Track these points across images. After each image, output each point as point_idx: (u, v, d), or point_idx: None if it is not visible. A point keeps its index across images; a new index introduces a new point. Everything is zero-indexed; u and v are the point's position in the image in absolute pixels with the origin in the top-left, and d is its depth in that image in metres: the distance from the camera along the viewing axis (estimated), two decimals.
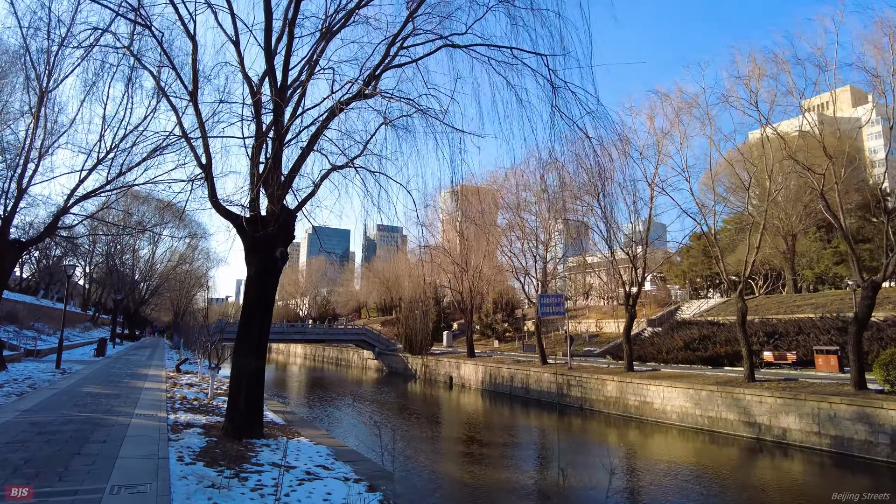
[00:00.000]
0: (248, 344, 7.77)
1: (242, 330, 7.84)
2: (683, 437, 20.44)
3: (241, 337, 7.83)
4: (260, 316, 7.94)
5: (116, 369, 18.93)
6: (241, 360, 7.69)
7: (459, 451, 18.27)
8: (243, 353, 7.73)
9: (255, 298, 7.87)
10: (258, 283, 7.92)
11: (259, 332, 7.87)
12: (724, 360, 26.24)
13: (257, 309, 7.84)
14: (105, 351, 26.35)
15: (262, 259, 8.05)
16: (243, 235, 8.19)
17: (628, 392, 24.07)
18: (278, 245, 8.11)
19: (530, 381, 29.97)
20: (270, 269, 8.08)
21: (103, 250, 51.14)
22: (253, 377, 7.70)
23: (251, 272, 8.08)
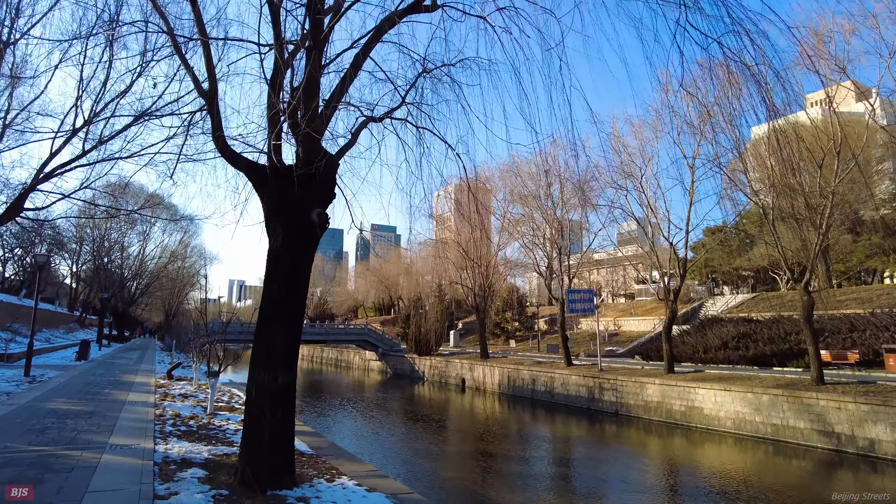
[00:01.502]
0: (270, 350, 5.27)
1: (263, 329, 5.35)
2: (743, 448, 18.10)
3: (261, 339, 5.34)
4: (289, 308, 5.43)
5: (98, 376, 16.30)
6: (262, 373, 5.19)
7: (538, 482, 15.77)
8: (264, 362, 5.23)
9: (282, 282, 5.38)
10: (286, 261, 5.43)
11: (287, 331, 5.37)
12: (771, 361, 23.94)
13: (285, 298, 5.36)
14: (88, 354, 23.65)
15: (293, 224, 5.54)
16: (264, 191, 5.69)
17: (672, 396, 21.73)
18: (314, 203, 5.63)
19: (555, 385, 27.56)
20: (304, 240, 5.58)
21: (91, 247, 48.27)
22: (279, 398, 5.20)
23: (276, 244, 5.57)
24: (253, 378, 5.30)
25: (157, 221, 51.24)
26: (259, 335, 5.42)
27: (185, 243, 56.94)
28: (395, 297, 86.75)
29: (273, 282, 5.50)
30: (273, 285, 5.49)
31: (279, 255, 5.53)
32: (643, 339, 35.92)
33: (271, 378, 5.24)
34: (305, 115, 5.53)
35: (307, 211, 5.58)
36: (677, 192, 79.60)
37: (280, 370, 5.30)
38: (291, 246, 5.53)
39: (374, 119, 7.04)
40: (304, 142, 5.45)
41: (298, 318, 5.57)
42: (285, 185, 5.62)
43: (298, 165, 5.66)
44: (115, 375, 16.73)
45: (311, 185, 5.64)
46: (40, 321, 37.64)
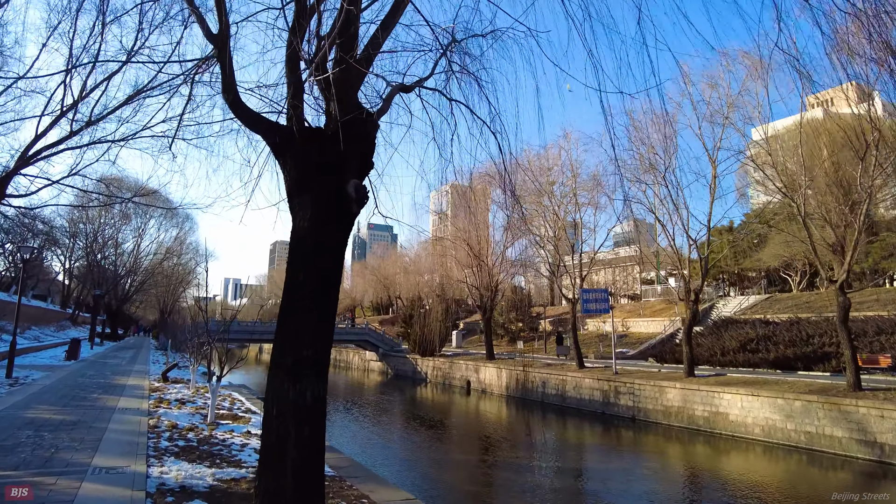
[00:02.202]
0: (296, 354, 4.14)
1: (286, 329, 4.19)
2: (774, 456, 17.07)
3: (284, 341, 4.18)
4: (319, 304, 4.28)
5: (87, 378, 15.08)
6: (285, 384, 4.04)
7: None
8: (288, 370, 4.09)
9: (310, 271, 4.23)
10: (316, 244, 4.29)
11: (317, 331, 4.23)
12: (795, 364, 22.94)
13: (315, 291, 4.21)
14: (78, 353, 22.39)
15: (324, 198, 4.38)
16: (287, 159, 4.54)
17: (695, 401, 20.69)
18: (351, 173, 4.49)
19: (567, 388, 26.48)
20: (338, 218, 4.43)
21: (84, 243, 46.87)
22: (308, 417, 4.04)
23: (302, 224, 4.41)
24: (273, 390, 4.16)
25: (152, 216, 49.97)
26: (281, 336, 4.27)
27: (181, 239, 55.59)
28: (393, 296, 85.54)
29: (299, 270, 4.35)
30: (299, 275, 4.35)
31: (306, 237, 4.38)
32: (654, 340, 34.91)
33: (298, 391, 4.09)
34: (341, 60, 4.40)
35: (342, 182, 4.44)
36: (693, 189, 78.06)
37: (309, 381, 4.15)
38: (322, 225, 4.39)
39: (404, 88, 5.93)
40: (338, 94, 4.31)
41: (330, 314, 4.43)
42: (314, 149, 4.49)
43: (330, 125, 4.53)
44: (105, 377, 15.51)
45: (347, 149, 4.51)
46: (30, 318, 36.27)
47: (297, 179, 4.55)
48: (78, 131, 11.81)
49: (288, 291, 4.40)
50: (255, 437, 8.10)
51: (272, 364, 4.31)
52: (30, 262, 54.50)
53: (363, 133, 4.62)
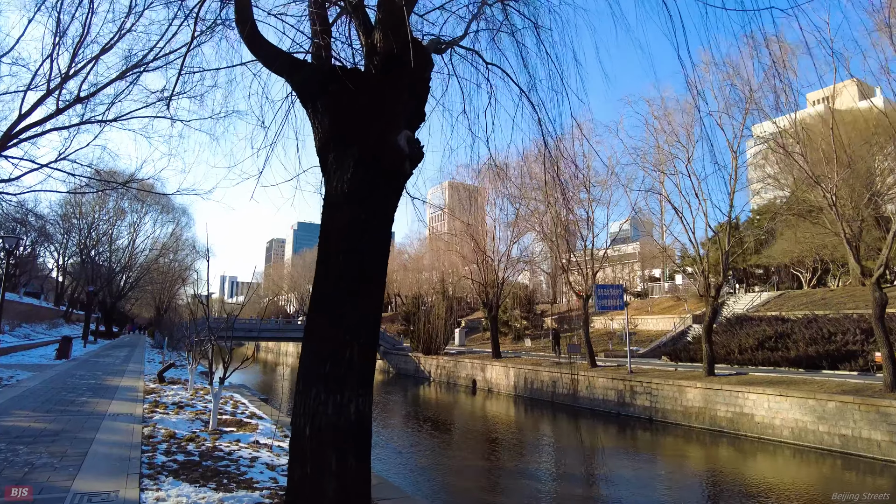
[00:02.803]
0: (335, 357, 3.13)
1: (320, 325, 3.21)
2: (806, 461, 16.17)
3: (318, 341, 3.19)
4: (364, 292, 3.26)
5: (77, 378, 14.01)
6: (319, 397, 3.05)
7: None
8: (325, 378, 3.11)
9: (351, 250, 3.24)
10: (358, 214, 3.29)
11: (361, 328, 3.23)
12: (819, 362, 22.04)
13: (358, 276, 3.23)
14: (69, 352, 21.30)
15: (368, 154, 3.37)
16: (318, 106, 3.51)
17: (717, 401, 19.79)
18: (400, 122, 3.49)
19: (579, 387, 25.54)
20: (386, 180, 3.42)
21: (78, 238, 45.69)
22: (352, 439, 3.04)
23: (339, 189, 3.39)
24: (305, 405, 3.16)
25: (148, 211, 48.85)
26: (315, 335, 3.26)
27: (178, 235, 54.44)
28: (392, 293, 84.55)
29: (336, 250, 3.34)
30: (337, 256, 3.33)
31: (345, 204, 3.37)
32: (665, 338, 34.03)
33: (339, 405, 3.10)
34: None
35: (390, 132, 3.44)
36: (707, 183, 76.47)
37: (352, 390, 3.16)
38: (367, 188, 3.38)
39: (438, 49, 4.94)
40: (385, 19, 3.31)
41: (378, 305, 3.42)
42: (356, 91, 3.47)
43: (375, 63, 3.52)
44: (97, 378, 14.45)
45: (396, 93, 3.51)
46: (21, 315, 35.06)
47: (332, 131, 3.54)
48: (66, 108, 10.75)
49: (323, 278, 3.39)
50: (265, 447, 7.10)
51: (303, 371, 3.30)
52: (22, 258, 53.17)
53: (417, 71, 3.61)
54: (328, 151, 3.55)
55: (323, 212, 3.59)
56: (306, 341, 3.36)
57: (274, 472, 5.90)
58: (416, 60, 3.63)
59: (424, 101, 3.80)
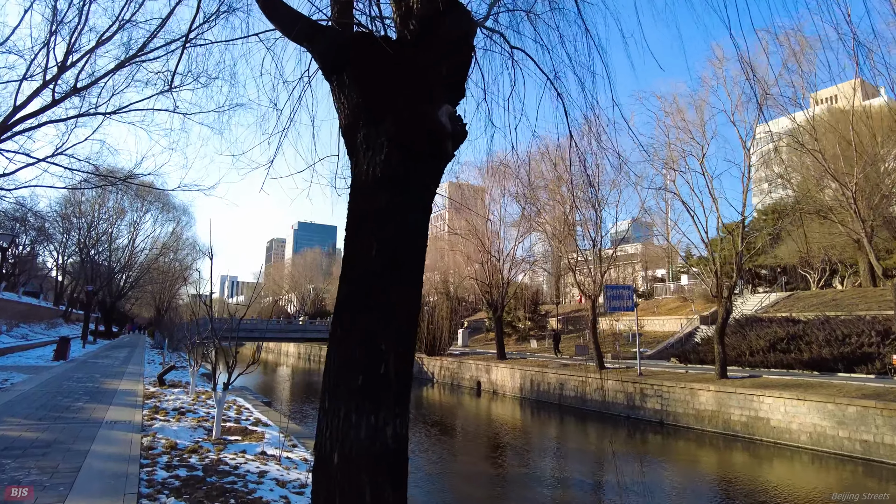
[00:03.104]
0: (368, 369, 2.65)
1: (348, 333, 2.72)
2: (825, 466, 15.70)
3: (347, 351, 2.72)
4: (401, 293, 2.76)
5: (74, 381, 13.52)
6: (350, 417, 2.58)
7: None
8: (355, 393, 2.62)
9: (386, 243, 2.75)
10: (395, 202, 2.81)
11: (399, 332, 2.73)
12: (834, 365, 21.55)
13: (396, 270, 2.75)
14: (67, 353, 20.81)
15: (404, 127, 2.88)
16: (345, 75, 3.02)
17: (731, 405, 19.31)
18: (440, 95, 3.00)
19: (588, 390, 25.06)
20: (425, 161, 2.93)
21: (77, 237, 45.21)
22: (387, 466, 2.54)
23: (371, 173, 2.88)
24: (332, 425, 2.66)
25: (148, 210, 48.37)
26: (343, 343, 2.78)
27: (178, 234, 53.97)
28: None
29: (369, 241, 2.83)
30: (369, 248, 2.83)
31: (378, 189, 2.88)
32: (672, 339, 33.55)
33: (374, 426, 2.60)
34: None
35: (430, 108, 2.95)
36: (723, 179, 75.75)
37: (388, 409, 2.67)
38: (403, 170, 2.89)
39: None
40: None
41: (415, 309, 2.93)
42: (389, 62, 2.98)
43: (412, 27, 3.03)
44: (95, 380, 13.95)
45: (435, 63, 3.02)
46: (18, 315, 34.57)
47: (361, 106, 3.04)
48: (62, 99, 10.26)
49: (351, 275, 2.88)
50: (273, 459, 6.60)
51: (329, 384, 2.79)
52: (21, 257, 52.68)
53: (458, 38, 3.11)
54: (356, 130, 3.05)
55: (350, 200, 3.09)
56: (332, 349, 2.86)
57: (285, 489, 5.41)
58: (459, 25, 3.13)
59: (466, 75, 3.30)
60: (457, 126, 3.03)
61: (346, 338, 2.81)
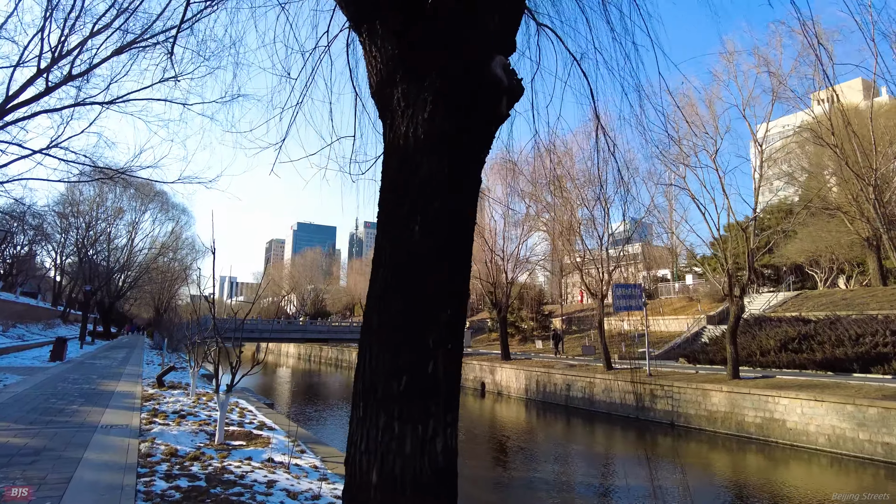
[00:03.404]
0: (413, 371, 2.19)
1: (386, 328, 2.26)
2: (844, 470, 15.24)
3: (386, 349, 2.25)
4: (449, 279, 2.29)
5: (69, 383, 13.03)
6: (391, 428, 2.11)
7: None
8: (396, 401, 2.17)
9: (432, 216, 2.31)
10: (440, 167, 2.36)
11: (449, 328, 2.27)
12: (849, 366, 21.07)
13: (444, 253, 2.31)
14: (64, 353, 20.31)
15: (452, 81, 2.40)
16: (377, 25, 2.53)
17: (744, 406, 18.85)
18: (491, 45, 2.52)
19: (595, 391, 24.60)
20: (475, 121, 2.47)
21: (75, 237, 44.67)
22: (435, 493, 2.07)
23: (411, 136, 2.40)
24: (369, 437, 2.18)
25: (147, 209, 47.87)
26: (379, 335, 2.29)
27: (177, 234, 53.45)
28: None
29: (411, 220, 2.33)
30: (411, 228, 2.33)
31: (421, 156, 2.39)
32: (679, 339, 33.08)
33: (420, 440, 2.13)
34: None
35: (482, 59, 2.47)
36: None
37: (438, 421, 2.19)
38: (451, 135, 2.41)
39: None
40: None
41: (464, 298, 2.45)
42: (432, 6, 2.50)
43: None
44: (91, 382, 13.45)
45: (486, 6, 2.54)
46: (15, 315, 34.04)
47: (399, 58, 2.56)
48: (56, 87, 9.76)
49: (389, 259, 2.39)
50: (282, 467, 6.12)
51: (363, 388, 2.31)
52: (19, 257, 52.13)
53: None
54: (392, 86, 2.57)
55: (385, 171, 2.61)
56: (366, 346, 2.38)
57: (296, 501, 4.92)
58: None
59: (517, 24, 2.82)
60: (512, 80, 2.55)
61: (383, 332, 2.33)
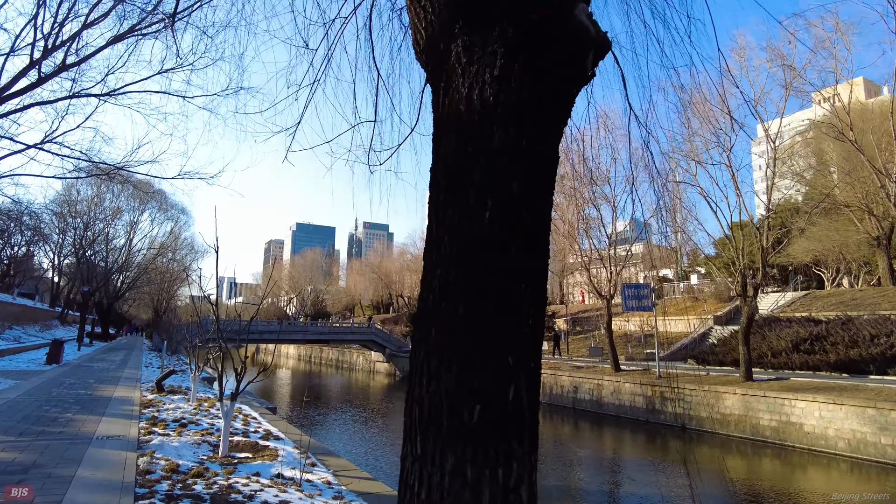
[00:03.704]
0: (487, 397, 1.70)
1: (442, 338, 1.79)
2: (867, 476, 14.79)
3: (445, 361, 1.78)
4: (523, 283, 1.81)
5: (65, 388, 12.51)
6: (462, 472, 1.64)
7: None
8: (460, 431, 1.69)
9: (503, 204, 1.83)
10: (511, 140, 1.88)
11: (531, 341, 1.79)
12: (865, 367, 20.62)
13: (513, 244, 1.84)
14: (60, 356, 19.77)
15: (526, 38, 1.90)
16: None
17: (759, 409, 18.41)
18: None
19: (604, 393, 24.13)
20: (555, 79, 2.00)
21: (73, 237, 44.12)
22: None
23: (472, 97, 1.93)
24: (431, 482, 1.70)
25: (145, 209, 47.33)
26: (438, 353, 1.79)
27: (176, 234, 52.89)
28: (395, 294, 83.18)
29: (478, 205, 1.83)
30: (481, 215, 1.82)
31: (492, 125, 1.89)
32: (686, 340, 32.59)
33: (502, 488, 1.63)
34: None
35: (562, 4, 1.97)
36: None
37: (522, 463, 1.71)
38: (527, 97, 1.91)
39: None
40: None
41: (545, 302, 1.95)
42: None
43: None
44: (88, 387, 12.93)
45: None
46: (12, 317, 33.47)
47: (458, 3, 2.05)
48: (49, 77, 9.24)
49: (450, 251, 1.89)
50: (293, 484, 5.61)
51: (417, 420, 1.80)
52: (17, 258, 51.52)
53: None
54: (449, 39, 2.06)
55: (437, 145, 2.11)
56: (423, 361, 1.87)
57: None
58: None
59: None
60: (599, 31, 2.05)
61: (446, 345, 1.82)
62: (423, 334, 1.94)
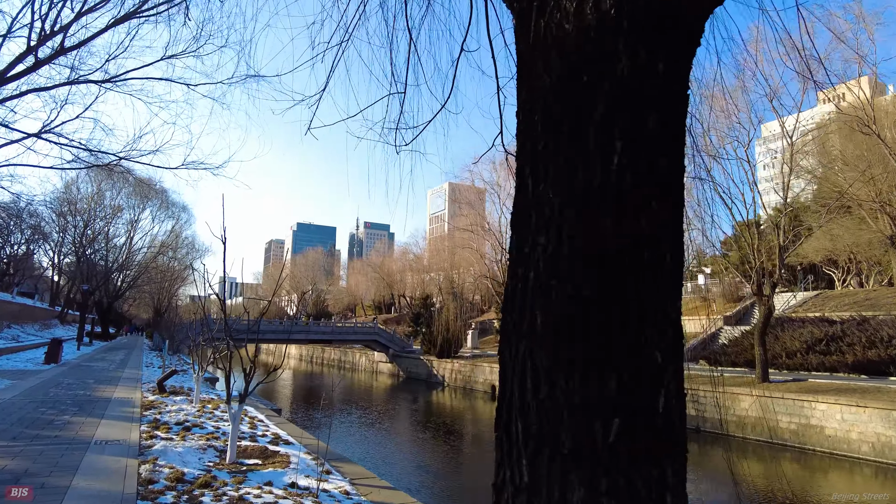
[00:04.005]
0: (624, 407, 1.26)
1: (549, 331, 1.33)
2: (893, 480, 14.27)
3: (555, 361, 1.32)
4: (657, 241, 1.36)
5: (63, 388, 12.03)
6: (592, 499, 1.20)
7: None
8: (584, 453, 1.23)
9: (636, 138, 1.39)
10: (645, 61, 1.44)
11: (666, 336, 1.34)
12: (885, 368, 20.13)
13: (647, 187, 1.40)
14: (59, 356, 19.30)
15: None
16: None
17: (777, 411, 17.90)
18: None
19: None
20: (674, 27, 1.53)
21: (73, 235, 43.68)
22: None
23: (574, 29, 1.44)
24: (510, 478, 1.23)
25: (146, 207, 46.87)
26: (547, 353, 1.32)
27: (177, 233, 52.43)
28: (397, 294, 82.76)
29: (601, 142, 1.38)
30: (608, 160, 1.36)
31: (617, 41, 1.43)
32: (696, 341, 32.02)
33: None
34: None
35: None
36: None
37: (676, 487, 1.24)
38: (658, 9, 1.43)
39: None
40: None
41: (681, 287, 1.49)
42: None
43: None
44: (86, 387, 12.45)
45: None
46: (11, 316, 33.00)
47: None
48: (46, 61, 8.77)
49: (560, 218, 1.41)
50: (310, 496, 5.13)
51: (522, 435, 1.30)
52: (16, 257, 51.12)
53: None
54: None
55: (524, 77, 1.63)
56: (524, 358, 1.39)
57: None
58: None
59: None
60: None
61: (564, 340, 1.33)
62: (519, 324, 1.45)
